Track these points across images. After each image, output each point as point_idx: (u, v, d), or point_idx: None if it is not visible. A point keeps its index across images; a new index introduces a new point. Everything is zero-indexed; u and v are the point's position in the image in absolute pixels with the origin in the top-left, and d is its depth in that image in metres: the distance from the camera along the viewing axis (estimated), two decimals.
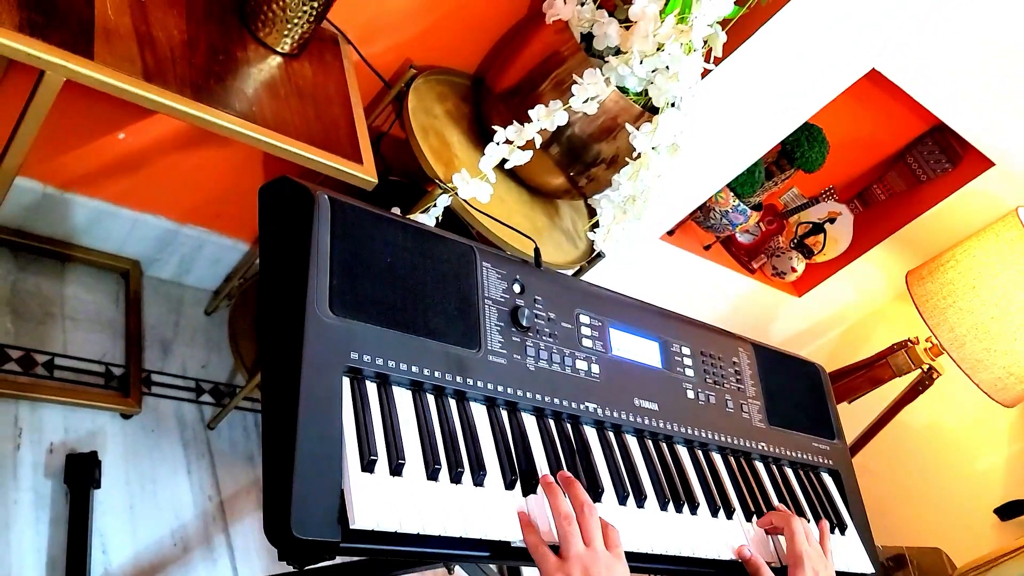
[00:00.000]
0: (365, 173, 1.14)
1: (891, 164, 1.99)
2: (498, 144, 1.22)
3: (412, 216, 1.24)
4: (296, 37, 1.16)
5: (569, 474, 0.93)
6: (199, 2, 1.11)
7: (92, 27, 0.93)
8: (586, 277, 1.45)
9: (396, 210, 1.25)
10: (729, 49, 1.38)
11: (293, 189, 0.87)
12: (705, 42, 1.29)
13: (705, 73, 1.40)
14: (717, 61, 1.37)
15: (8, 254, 1.52)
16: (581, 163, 1.33)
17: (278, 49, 1.17)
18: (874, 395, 2.01)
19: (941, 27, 1.49)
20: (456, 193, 1.20)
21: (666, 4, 1.19)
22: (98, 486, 1.35)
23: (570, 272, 1.43)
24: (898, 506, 2.14)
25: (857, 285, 2.15)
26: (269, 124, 1.05)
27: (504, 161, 1.23)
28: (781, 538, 1.14)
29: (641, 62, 1.19)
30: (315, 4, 1.13)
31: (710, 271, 1.96)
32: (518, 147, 1.22)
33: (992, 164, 1.83)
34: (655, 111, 1.24)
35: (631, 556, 0.96)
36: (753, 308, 2.12)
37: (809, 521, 1.22)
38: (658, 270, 1.85)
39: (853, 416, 2.10)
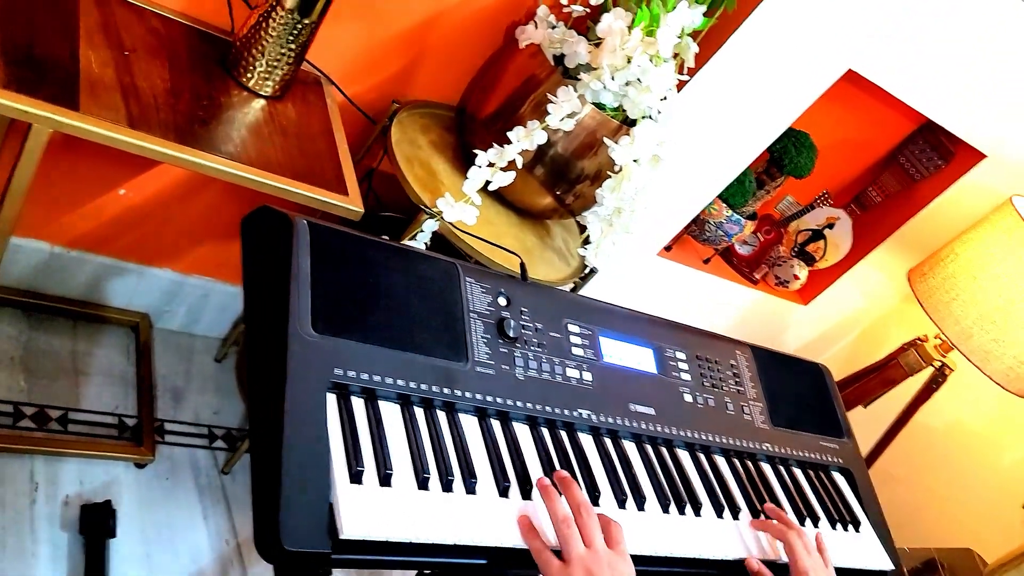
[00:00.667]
0: (351, 204, 1.17)
1: (884, 166, 2.00)
2: (480, 167, 1.25)
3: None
4: (277, 80, 1.21)
5: (565, 473, 0.93)
6: (182, 53, 1.16)
7: (77, 80, 0.97)
8: (586, 295, 1.46)
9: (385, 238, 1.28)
10: (703, 60, 1.40)
11: (273, 217, 0.90)
12: (676, 54, 1.32)
13: (682, 85, 1.43)
14: (692, 72, 1.40)
15: (21, 315, 1.57)
16: (566, 181, 1.36)
17: (261, 92, 1.21)
18: (891, 398, 1.99)
19: (918, 25, 1.51)
20: (442, 217, 1.22)
21: (634, 18, 1.22)
22: (113, 535, 1.37)
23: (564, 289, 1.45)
24: (925, 509, 2.10)
25: (863, 289, 2.14)
26: (253, 162, 1.09)
27: (488, 184, 1.26)
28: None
29: (613, 77, 1.22)
30: (293, 47, 1.18)
31: (712, 284, 1.96)
32: (500, 168, 1.25)
33: (984, 156, 1.83)
34: (633, 124, 1.27)
35: (635, 559, 0.95)
36: (761, 319, 2.12)
37: (806, 523, 1.21)
38: (659, 286, 1.86)
39: (871, 420, 2.08)
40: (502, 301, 1.03)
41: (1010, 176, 1.88)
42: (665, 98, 1.29)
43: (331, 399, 0.82)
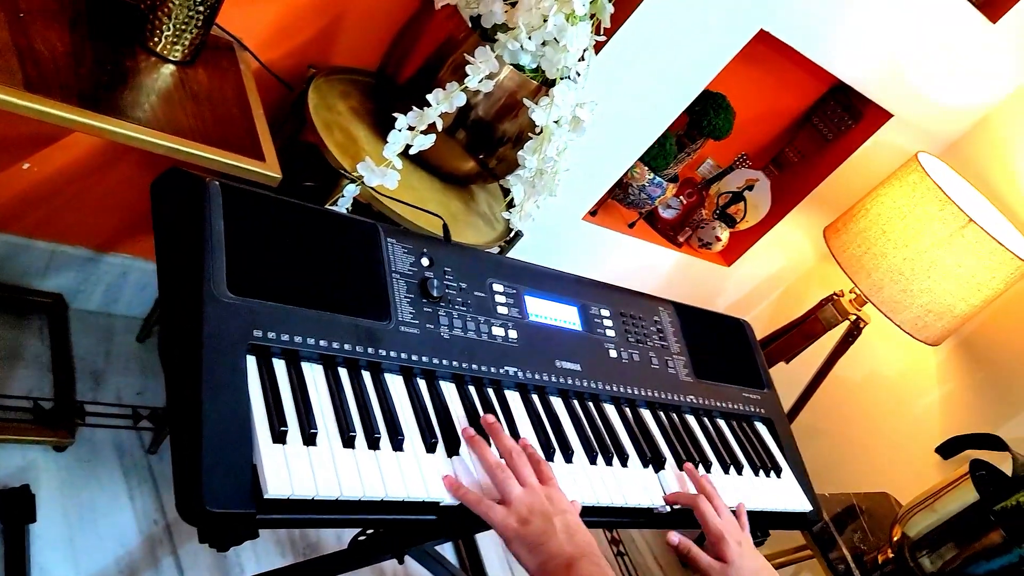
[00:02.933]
0: (268, 169, 1.14)
1: (799, 127, 2.05)
2: (400, 131, 1.24)
3: None
4: (187, 44, 1.17)
5: (492, 418, 0.95)
6: (84, 16, 1.12)
7: None
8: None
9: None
10: (619, 21, 1.42)
11: (185, 179, 0.87)
12: (593, 15, 1.33)
13: (599, 47, 1.44)
14: (608, 33, 1.41)
15: None
16: (488, 144, 1.36)
17: (170, 57, 1.17)
18: (812, 354, 2.06)
19: None
20: (363, 182, 1.21)
21: None
22: (33, 519, 1.33)
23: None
24: (847, 457, 2.19)
25: (783, 248, 2.20)
26: (163, 128, 1.05)
27: (409, 148, 1.25)
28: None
29: (530, 36, 1.22)
30: (201, 9, 1.14)
31: (638, 248, 1.99)
32: (420, 132, 1.24)
33: (891, 116, 1.90)
34: (552, 85, 1.27)
35: None
36: (687, 281, 2.16)
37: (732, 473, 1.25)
38: (586, 251, 1.88)
39: (795, 375, 2.15)
40: (425, 262, 1.03)
41: (916, 134, 1.96)
42: (583, 59, 1.30)
43: (251, 361, 0.81)
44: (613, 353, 1.21)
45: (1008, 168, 1.99)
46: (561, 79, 1.26)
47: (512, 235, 1.45)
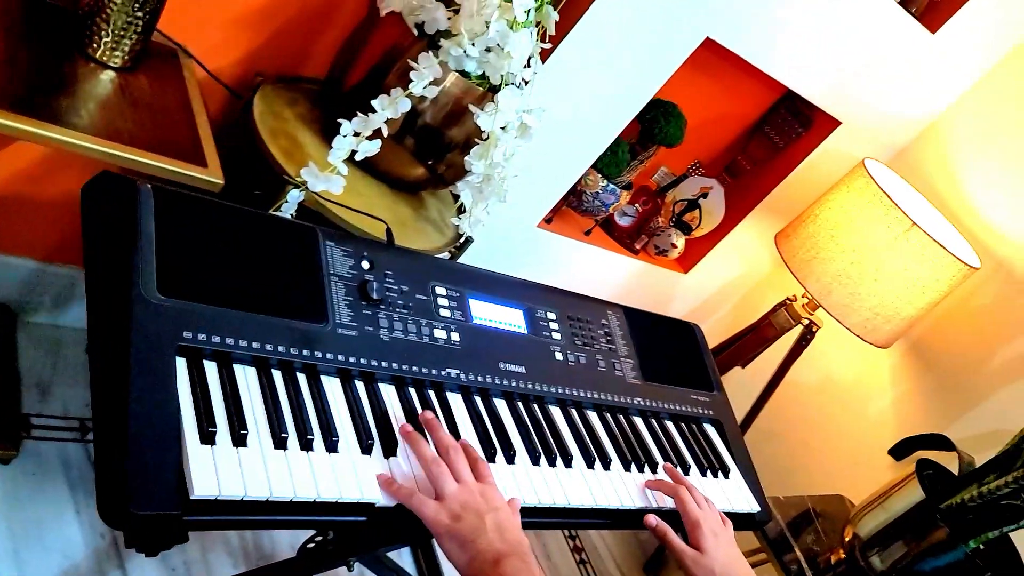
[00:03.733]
0: (210, 175, 1.14)
1: (751, 135, 2.08)
2: (345, 136, 1.24)
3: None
4: (127, 50, 1.17)
5: (430, 414, 0.95)
6: (18, 22, 1.11)
7: None
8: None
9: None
10: (565, 28, 1.43)
11: (115, 182, 0.87)
12: (539, 23, 1.34)
13: (547, 54, 1.45)
14: (554, 40, 1.43)
15: None
16: (436, 150, 1.36)
17: (110, 64, 1.17)
18: (767, 360, 2.09)
19: None
20: (307, 188, 1.21)
21: None
22: None
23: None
24: (802, 461, 2.22)
25: (739, 255, 2.23)
26: (100, 133, 1.05)
27: (354, 153, 1.25)
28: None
29: (473, 43, 1.23)
30: (140, 15, 1.14)
31: (594, 255, 2.01)
32: (366, 137, 1.24)
33: (839, 123, 1.94)
34: (498, 91, 1.28)
35: None
36: (644, 289, 2.18)
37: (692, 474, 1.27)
38: (541, 258, 1.89)
39: (750, 380, 2.18)
40: (365, 265, 1.03)
41: (862, 140, 2.00)
42: (529, 65, 1.32)
43: (181, 363, 0.81)
44: (559, 356, 1.21)
45: (952, 175, 2.03)
46: (506, 85, 1.27)
47: (462, 241, 1.45)
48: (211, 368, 0.83)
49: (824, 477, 2.15)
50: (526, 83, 1.32)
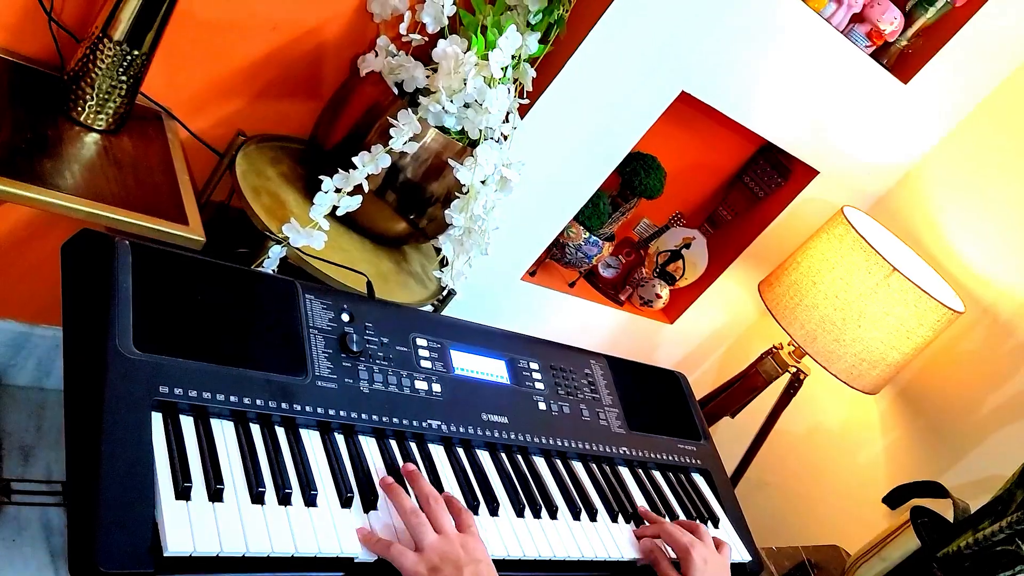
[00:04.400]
0: (191, 233, 1.15)
1: (731, 186, 2.12)
2: (327, 192, 1.26)
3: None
4: (111, 113, 1.19)
5: (412, 466, 0.94)
6: (3, 86, 1.13)
7: None
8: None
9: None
10: (543, 84, 1.47)
11: (94, 239, 0.88)
12: (516, 80, 1.38)
13: (525, 109, 1.48)
14: (532, 96, 1.46)
15: None
16: (418, 205, 1.38)
17: (94, 127, 1.19)
18: (756, 411, 2.08)
19: (743, 49, 1.63)
20: (289, 243, 1.22)
21: (469, 44, 1.27)
22: None
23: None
24: (797, 511, 2.19)
25: (725, 304, 2.24)
26: (81, 193, 1.06)
27: (336, 209, 1.27)
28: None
29: (451, 100, 1.26)
30: (124, 79, 1.16)
31: (579, 307, 2.01)
32: (347, 193, 1.26)
33: (817, 172, 1.97)
34: (477, 146, 1.31)
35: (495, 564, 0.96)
36: (630, 339, 2.18)
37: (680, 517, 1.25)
38: (525, 310, 1.90)
39: (740, 431, 2.17)
40: (345, 317, 1.04)
41: (841, 188, 2.03)
42: (508, 120, 1.34)
43: (156, 418, 0.80)
44: (542, 406, 1.21)
45: (933, 222, 2.06)
46: (484, 139, 1.30)
47: (445, 294, 1.46)
48: (187, 423, 0.83)
49: (818, 527, 2.12)
50: (505, 137, 1.35)
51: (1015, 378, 1.87)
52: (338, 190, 1.27)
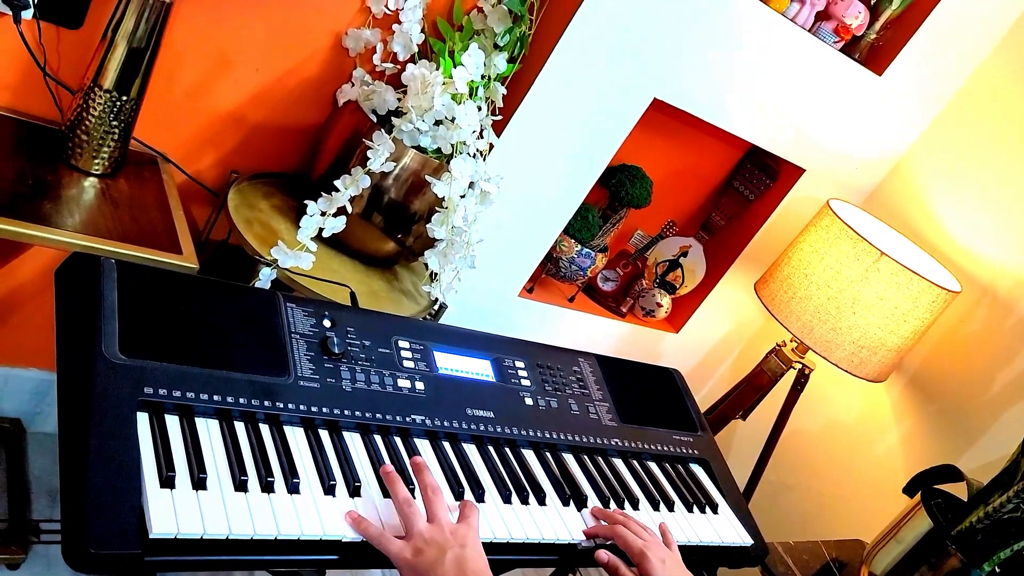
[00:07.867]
0: (185, 261, 1.22)
1: (722, 192, 2.16)
2: (312, 215, 1.33)
3: None
4: (106, 157, 1.28)
5: (420, 459, 0.99)
6: (7, 141, 1.23)
7: None
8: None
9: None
10: (516, 101, 1.53)
11: (82, 261, 0.95)
12: (489, 98, 1.45)
13: (500, 126, 1.55)
14: (506, 113, 1.53)
15: None
16: (403, 223, 1.45)
17: (92, 171, 1.28)
18: (769, 410, 2.08)
19: (714, 55, 1.68)
20: (278, 265, 1.29)
21: (437, 67, 1.35)
22: None
23: None
24: (821, 510, 2.17)
25: (727, 309, 2.26)
26: (79, 230, 1.14)
27: (321, 231, 1.34)
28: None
29: (423, 119, 1.33)
30: (116, 124, 1.25)
31: (581, 320, 2.05)
32: (331, 215, 1.33)
33: (803, 171, 2.01)
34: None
35: (486, 547, 0.98)
36: (636, 350, 2.21)
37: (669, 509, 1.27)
38: (527, 326, 1.94)
39: (753, 433, 2.17)
40: (327, 323, 1.09)
41: (830, 185, 2.06)
42: (482, 136, 1.41)
43: (142, 417, 0.86)
44: (529, 401, 1.25)
45: (926, 209, 2.08)
46: (458, 154, 1.36)
47: (436, 308, 1.51)
48: (172, 420, 0.88)
49: (842, 524, 2.10)
50: (480, 152, 1.41)
51: (1022, 354, 1.86)
52: (323, 213, 1.34)
